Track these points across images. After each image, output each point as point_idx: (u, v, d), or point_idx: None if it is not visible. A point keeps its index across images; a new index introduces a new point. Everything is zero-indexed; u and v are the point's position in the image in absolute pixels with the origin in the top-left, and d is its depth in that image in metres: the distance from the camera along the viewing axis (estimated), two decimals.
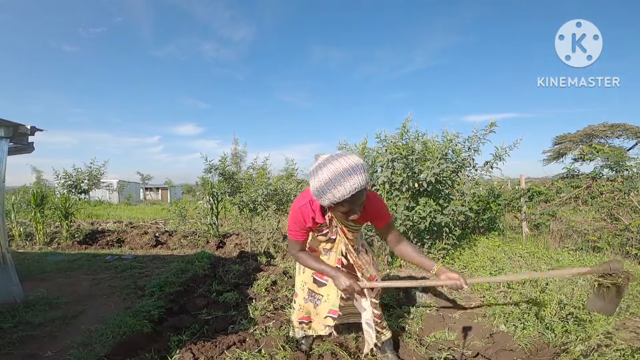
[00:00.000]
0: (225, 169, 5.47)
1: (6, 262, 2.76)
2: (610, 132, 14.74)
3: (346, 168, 1.28)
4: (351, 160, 1.30)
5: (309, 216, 1.60)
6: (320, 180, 1.31)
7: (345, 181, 1.26)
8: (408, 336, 2.25)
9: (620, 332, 2.16)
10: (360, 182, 1.27)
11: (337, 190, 1.27)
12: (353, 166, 1.28)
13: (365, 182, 1.30)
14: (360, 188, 1.28)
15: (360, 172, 1.28)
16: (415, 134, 4.27)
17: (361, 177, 1.28)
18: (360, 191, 1.29)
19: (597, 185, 5.21)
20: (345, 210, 1.36)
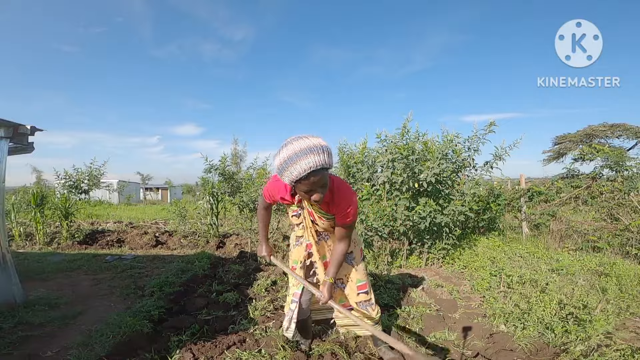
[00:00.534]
0: (225, 169, 5.48)
1: (6, 262, 2.76)
2: (610, 132, 14.74)
3: (305, 147, 1.30)
4: (312, 141, 1.32)
5: (280, 191, 1.72)
6: (281, 157, 1.33)
7: (302, 159, 1.28)
8: (408, 336, 2.25)
9: (620, 332, 2.16)
10: (316, 162, 1.28)
11: (294, 168, 1.29)
12: (312, 146, 1.30)
13: (323, 162, 1.30)
14: (316, 167, 1.29)
15: (318, 152, 1.29)
16: (416, 134, 4.27)
17: (319, 157, 1.29)
18: (316, 170, 1.31)
19: (597, 185, 5.21)
20: (305, 190, 1.38)
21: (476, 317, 2.58)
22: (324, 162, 1.31)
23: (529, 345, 2.08)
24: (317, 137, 1.38)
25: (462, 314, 2.65)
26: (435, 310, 2.70)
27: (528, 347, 2.06)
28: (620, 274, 3.23)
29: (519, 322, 2.34)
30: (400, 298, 2.90)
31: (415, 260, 4.13)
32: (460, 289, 3.24)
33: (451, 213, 3.91)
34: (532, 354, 2.02)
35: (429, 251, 4.15)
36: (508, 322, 2.39)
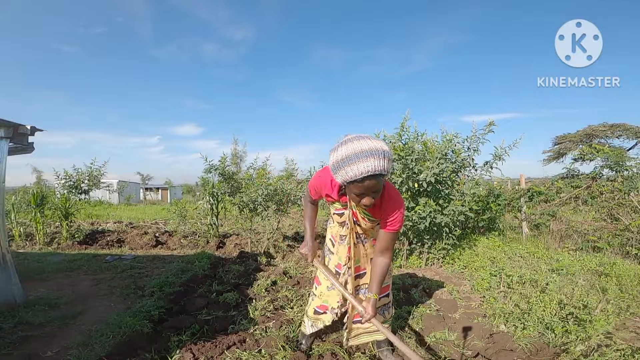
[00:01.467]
0: (225, 169, 5.48)
1: (6, 262, 2.76)
2: (610, 132, 14.75)
3: (367, 149, 1.25)
4: (373, 144, 1.27)
5: (326, 187, 1.68)
6: (338, 155, 1.30)
7: (361, 161, 1.24)
8: (408, 336, 2.25)
9: (620, 332, 2.16)
10: (375, 166, 1.24)
11: (351, 169, 1.25)
12: (373, 149, 1.25)
13: (382, 168, 1.25)
14: (373, 172, 1.25)
15: (379, 156, 1.24)
16: (415, 134, 4.27)
17: (379, 162, 1.24)
18: (373, 175, 1.26)
19: (597, 185, 5.22)
20: (358, 192, 1.35)
21: (476, 317, 2.58)
22: (383, 168, 1.26)
23: (529, 345, 2.08)
24: (380, 140, 1.33)
25: (462, 314, 2.65)
26: (435, 310, 2.70)
27: (528, 347, 2.06)
28: (620, 274, 3.24)
29: (519, 322, 2.34)
30: (400, 298, 2.89)
31: (415, 260, 4.13)
32: (460, 289, 3.24)
33: (451, 213, 3.90)
34: (532, 354, 2.02)
35: (429, 251, 4.15)
36: (508, 322, 2.39)
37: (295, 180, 5.45)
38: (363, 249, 1.86)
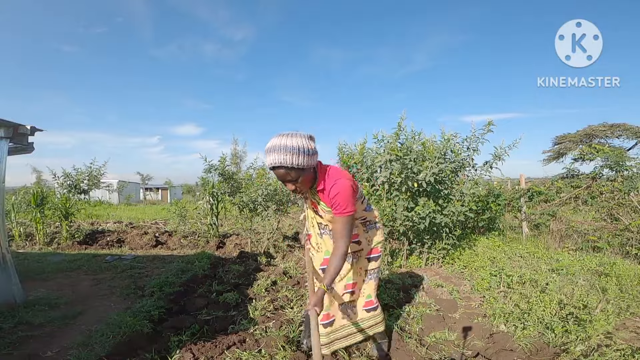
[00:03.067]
0: (224, 169, 5.47)
1: (6, 262, 2.76)
2: (610, 132, 14.75)
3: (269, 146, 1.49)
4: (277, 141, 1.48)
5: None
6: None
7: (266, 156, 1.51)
8: (408, 336, 2.25)
9: (620, 332, 2.16)
10: (272, 160, 1.48)
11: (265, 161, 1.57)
12: (274, 146, 1.47)
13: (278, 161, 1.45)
14: (271, 165, 1.49)
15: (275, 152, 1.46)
16: (412, 134, 4.26)
17: (275, 156, 1.46)
18: (274, 167, 1.50)
19: (597, 185, 5.21)
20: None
21: (476, 317, 2.58)
22: (278, 161, 1.46)
23: (529, 345, 2.08)
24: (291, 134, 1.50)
25: (462, 314, 2.65)
26: (435, 310, 2.70)
27: (528, 347, 2.06)
28: (620, 274, 3.23)
29: (519, 322, 2.34)
30: (400, 298, 2.89)
31: (415, 260, 4.13)
32: (460, 289, 3.24)
33: (451, 213, 3.90)
34: (532, 354, 2.02)
35: (428, 251, 4.15)
36: (508, 322, 2.39)
37: None
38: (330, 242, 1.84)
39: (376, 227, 1.92)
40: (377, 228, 1.92)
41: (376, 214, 1.94)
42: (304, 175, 1.54)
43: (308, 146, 1.50)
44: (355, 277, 1.91)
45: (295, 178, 1.52)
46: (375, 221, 1.92)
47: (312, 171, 1.62)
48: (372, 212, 1.92)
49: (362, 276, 1.92)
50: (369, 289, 1.93)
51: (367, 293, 1.92)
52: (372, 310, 1.93)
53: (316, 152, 1.57)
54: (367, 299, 1.93)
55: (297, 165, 1.47)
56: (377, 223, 1.92)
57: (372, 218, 1.91)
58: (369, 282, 1.93)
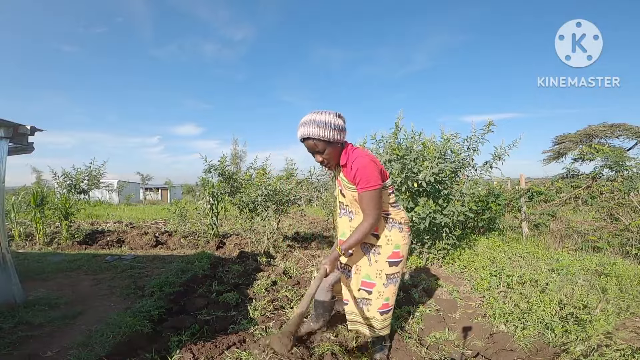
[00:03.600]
0: (224, 169, 5.47)
1: (6, 262, 2.76)
2: (610, 132, 14.77)
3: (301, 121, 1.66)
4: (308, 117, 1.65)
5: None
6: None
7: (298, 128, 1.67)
8: (408, 336, 2.25)
9: (620, 332, 2.16)
10: (302, 132, 1.64)
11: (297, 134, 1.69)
12: (305, 120, 1.65)
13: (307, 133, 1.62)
14: (301, 136, 1.66)
15: (306, 125, 1.63)
16: (412, 134, 4.26)
17: (305, 128, 1.63)
18: (303, 139, 1.67)
19: (597, 185, 5.22)
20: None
21: (476, 317, 2.58)
22: (307, 133, 1.63)
23: (529, 345, 2.08)
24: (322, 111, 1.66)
25: (462, 314, 2.65)
26: (435, 310, 2.70)
27: (528, 347, 2.07)
28: (620, 274, 3.24)
29: (519, 322, 2.34)
30: (400, 298, 2.89)
31: (415, 260, 4.13)
32: (460, 289, 3.24)
33: (451, 213, 3.90)
34: (532, 354, 2.02)
35: (428, 251, 4.15)
36: (508, 322, 2.39)
37: (295, 180, 5.45)
38: (349, 223, 1.91)
39: (399, 227, 1.86)
40: (400, 230, 1.86)
41: (403, 215, 1.89)
42: (330, 148, 1.68)
43: (335, 122, 1.65)
44: (374, 277, 1.87)
45: (322, 150, 1.68)
46: (399, 222, 1.87)
47: (340, 146, 1.73)
48: (399, 212, 1.88)
49: (382, 280, 1.87)
50: (388, 293, 1.89)
51: (386, 296, 1.88)
52: (385, 313, 1.91)
53: (344, 130, 1.71)
54: (385, 301, 1.89)
55: (324, 138, 1.63)
56: (401, 224, 1.87)
57: (397, 217, 1.87)
58: (388, 287, 1.88)
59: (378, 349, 2.00)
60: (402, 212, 1.90)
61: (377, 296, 1.88)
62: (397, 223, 1.86)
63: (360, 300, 1.92)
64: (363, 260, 1.89)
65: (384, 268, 1.85)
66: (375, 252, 1.86)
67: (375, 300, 1.88)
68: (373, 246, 1.86)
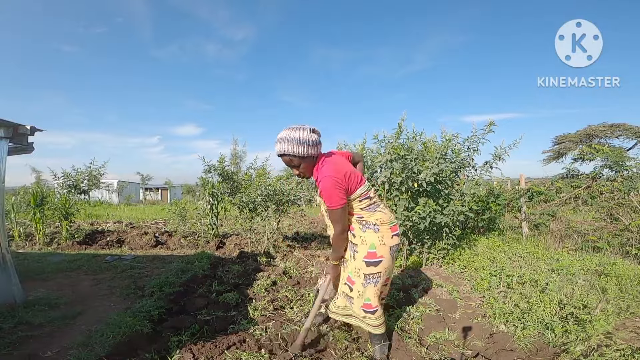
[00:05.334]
0: (224, 169, 5.47)
1: (6, 262, 2.76)
2: (610, 132, 14.78)
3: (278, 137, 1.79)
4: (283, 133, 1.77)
5: None
6: None
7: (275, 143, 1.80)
8: (408, 336, 2.25)
9: (620, 332, 2.16)
10: (278, 149, 1.78)
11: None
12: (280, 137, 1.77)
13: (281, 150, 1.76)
14: (277, 153, 1.79)
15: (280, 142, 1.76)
16: (413, 134, 4.26)
17: (279, 145, 1.77)
18: (279, 155, 1.79)
19: (597, 185, 5.22)
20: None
21: (476, 317, 2.58)
22: (283, 150, 1.76)
23: (529, 345, 2.08)
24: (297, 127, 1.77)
25: (462, 314, 2.65)
26: (435, 310, 2.69)
27: (528, 347, 2.06)
28: (620, 274, 3.23)
29: (519, 322, 2.34)
30: (400, 298, 2.89)
31: (415, 260, 4.13)
32: (460, 289, 3.24)
33: (451, 213, 3.90)
34: (532, 354, 2.02)
35: (428, 251, 4.15)
36: (508, 322, 2.39)
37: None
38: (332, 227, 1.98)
39: (374, 228, 1.89)
40: (375, 230, 1.89)
41: (379, 217, 1.91)
42: (304, 162, 1.81)
43: (309, 138, 1.76)
44: (354, 275, 1.95)
45: (297, 164, 1.80)
46: (374, 223, 1.90)
47: (314, 160, 1.85)
48: (373, 214, 1.91)
49: (361, 278, 1.91)
50: (368, 293, 1.92)
51: (367, 296, 1.92)
52: (368, 312, 1.94)
53: (318, 143, 1.82)
54: (366, 301, 1.93)
55: (298, 154, 1.76)
56: (376, 225, 1.90)
57: (372, 219, 1.91)
58: (368, 287, 1.91)
59: (377, 349, 2.00)
60: (378, 213, 1.93)
61: (357, 295, 1.95)
62: (372, 225, 1.91)
63: (343, 294, 2.03)
64: (349, 256, 2.01)
65: (361, 267, 1.92)
66: (354, 250, 1.96)
67: (356, 299, 1.95)
68: (354, 245, 1.97)
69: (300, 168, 1.82)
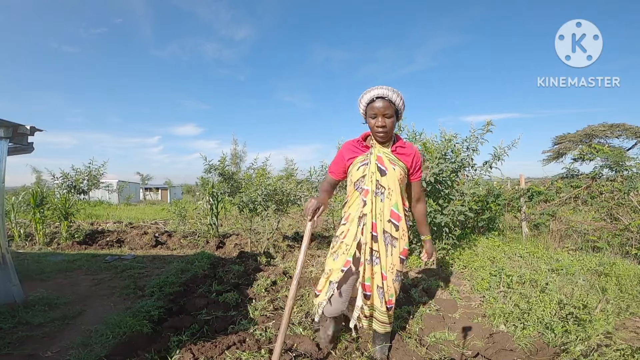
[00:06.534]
0: (224, 169, 5.48)
1: (6, 262, 2.76)
2: (610, 132, 14.79)
3: (376, 86, 1.74)
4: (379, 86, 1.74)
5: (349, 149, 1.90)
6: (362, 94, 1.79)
7: (372, 90, 1.74)
8: (408, 336, 2.25)
9: (620, 332, 2.16)
10: (381, 92, 1.71)
11: (366, 96, 1.75)
12: (381, 86, 1.73)
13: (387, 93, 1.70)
14: (380, 94, 1.71)
15: (384, 87, 1.71)
16: (412, 134, 4.27)
17: (383, 89, 1.71)
18: (381, 97, 1.71)
19: (597, 185, 5.22)
20: (372, 115, 1.74)
21: (476, 317, 2.58)
22: (388, 93, 1.71)
23: (529, 345, 2.08)
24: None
25: (462, 314, 2.65)
26: (435, 310, 2.69)
27: (528, 347, 2.06)
28: (620, 274, 3.23)
29: (519, 322, 2.34)
30: (400, 298, 2.89)
31: (415, 260, 4.13)
32: (460, 289, 3.24)
33: (451, 213, 3.91)
34: (532, 354, 2.02)
35: None
36: (508, 322, 2.39)
37: (295, 180, 5.45)
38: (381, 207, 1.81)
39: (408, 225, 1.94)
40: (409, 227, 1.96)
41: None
42: (394, 119, 1.78)
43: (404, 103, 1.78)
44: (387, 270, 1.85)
45: (390, 115, 1.74)
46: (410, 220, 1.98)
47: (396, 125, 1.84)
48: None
49: (393, 275, 1.86)
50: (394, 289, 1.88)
51: (391, 292, 1.87)
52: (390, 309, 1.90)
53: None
54: (390, 297, 1.87)
55: (397, 105, 1.74)
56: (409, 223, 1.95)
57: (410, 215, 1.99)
58: (396, 283, 1.88)
59: (378, 349, 1.99)
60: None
61: (386, 290, 1.86)
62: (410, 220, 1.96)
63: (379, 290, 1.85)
64: (382, 250, 1.84)
65: (395, 263, 1.85)
66: (392, 244, 1.84)
67: (386, 294, 1.86)
68: (393, 238, 1.84)
69: (388, 122, 1.73)
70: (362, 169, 1.83)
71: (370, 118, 1.75)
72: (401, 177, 1.81)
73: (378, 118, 1.73)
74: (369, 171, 1.81)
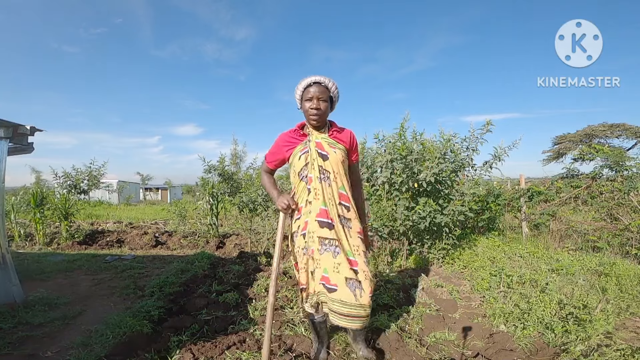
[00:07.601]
0: (224, 169, 5.48)
1: (6, 262, 2.76)
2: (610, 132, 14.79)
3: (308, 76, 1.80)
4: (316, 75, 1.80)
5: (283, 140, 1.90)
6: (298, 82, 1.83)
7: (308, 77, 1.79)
8: (408, 336, 2.24)
9: (620, 332, 2.16)
10: (317, 77, 1.77)
11: (302, 83, 1.79)
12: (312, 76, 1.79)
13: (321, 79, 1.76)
14: (317, 80, 1.77)
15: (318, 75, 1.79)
16: (413, 134, 4.27)
17: (319, 77, 1.78)
18: (317, 83, 1.77)
19: (597, 185, 5.22)
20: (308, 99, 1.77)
21: (476, 317, 2.58)
22: (324, 81, 1.77)
23: (529, 345, 2.08)
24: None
25: (462, 314, 2.65)
26: (435, 310, 2.69)
27: (528, 347, 2.06)
28: (620, 274, 3.23)
29: (519, 322, 2.34)
30: (400, 298, 2.89)
31: (415, 260, 4.13)
32: (460, 289, 3.24)
33: (451, 213, 3.90)
34: (532, 354, 2.01)
35: (428, 251, 4.15)
36: (508, 322, 2.39)
37: None
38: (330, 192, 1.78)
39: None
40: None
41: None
42: (329, 105, 1.82)
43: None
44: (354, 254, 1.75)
45: (325, 99, 1.78)
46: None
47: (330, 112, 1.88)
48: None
49: (362, 257, 1.75)
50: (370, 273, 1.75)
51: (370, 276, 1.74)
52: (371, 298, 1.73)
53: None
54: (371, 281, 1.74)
55: (332, 92, 1.80)
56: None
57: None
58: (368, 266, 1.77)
59: (363, 347, 1.95)
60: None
61: (364, 276, 1.70)
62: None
63: (351, 281, 1.69)
64: (342, 234, 1.76)
65: (359, 244, 1.78)
66: (348, 225, 1.79)
67: (364, 282, 1.70)
68: (347, 219, 1.80)
69: (323, 105, 1.76)
70: (304, 157, 1.81)
71: (306, 102, 1.78)
72: (343, 159, 1.83)
73: (313, 101, 1.76)
74: (310, 158, 1.80)
